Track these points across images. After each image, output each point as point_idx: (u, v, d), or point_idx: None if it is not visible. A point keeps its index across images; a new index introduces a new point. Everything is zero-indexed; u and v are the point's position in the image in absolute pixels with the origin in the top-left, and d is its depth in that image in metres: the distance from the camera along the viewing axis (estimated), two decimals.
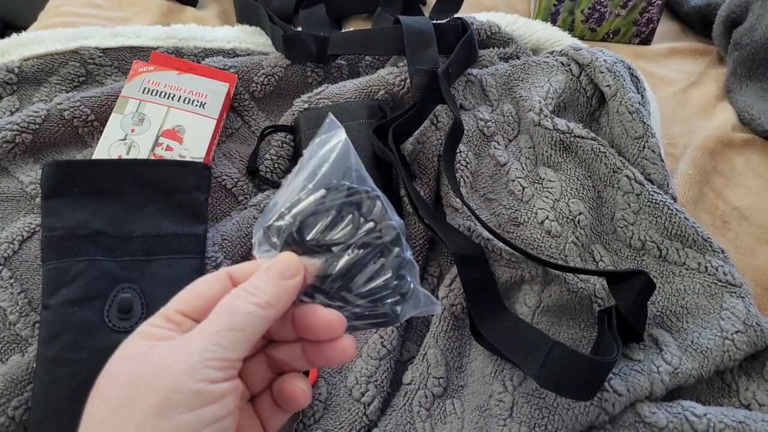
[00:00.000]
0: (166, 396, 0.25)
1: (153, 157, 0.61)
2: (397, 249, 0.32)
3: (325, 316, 0.30)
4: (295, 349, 0.32)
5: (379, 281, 0.32)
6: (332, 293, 0.31)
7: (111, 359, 0.28)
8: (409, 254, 0.32)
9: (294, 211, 0.31)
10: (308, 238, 0.31)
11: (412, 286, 0.32)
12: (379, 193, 0.33)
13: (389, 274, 0.32)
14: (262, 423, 0.32)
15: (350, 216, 0.32)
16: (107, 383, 0.27)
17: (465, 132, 0.62)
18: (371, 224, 0.32)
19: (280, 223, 0.31)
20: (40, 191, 0.55)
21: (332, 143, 0.33)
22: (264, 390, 0.33)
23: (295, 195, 0.32)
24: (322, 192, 0.32)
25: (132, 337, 0.29)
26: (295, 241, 0.31)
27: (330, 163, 0.32)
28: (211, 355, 0.26)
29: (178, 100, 0.64)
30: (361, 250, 0.31)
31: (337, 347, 0.31)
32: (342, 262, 0.31)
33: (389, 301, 0.32)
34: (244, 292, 0.29)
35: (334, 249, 0.31)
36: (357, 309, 0.31)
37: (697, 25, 0.89)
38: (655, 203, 0.55)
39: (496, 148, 0.63)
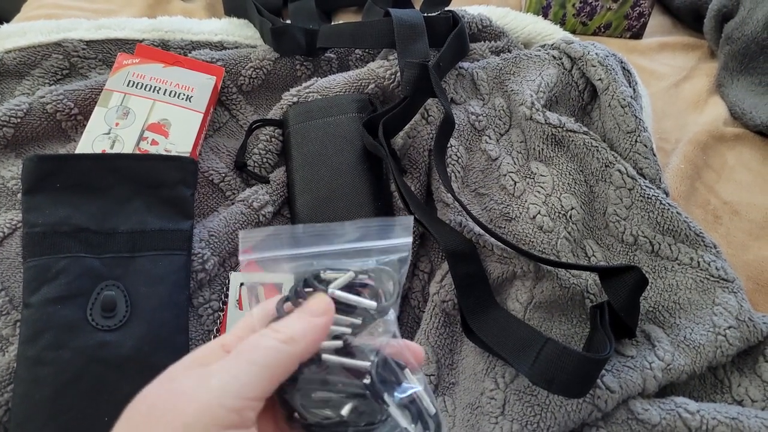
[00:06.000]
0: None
1: (138, 152, 0.59)
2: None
3: None
4: None
5: None
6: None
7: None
8: None
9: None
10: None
11: None
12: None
13: None
14: None
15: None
16: (135, 403, 0.26)
17: (456, 126, 0.61)
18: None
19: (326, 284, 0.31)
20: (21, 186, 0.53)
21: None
22: None
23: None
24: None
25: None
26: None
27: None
28: (228, 391, 0.25)
29: (164, 94, 0.63)
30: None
31: None
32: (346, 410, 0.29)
33: None
34: (269, 329, 0.28)
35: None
36: None
37: (689, 19, 0.88)
38: (648, 198, 0.55)
39: (487, 142, 0.62)
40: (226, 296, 0.55)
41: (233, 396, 0.25)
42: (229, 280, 0.56)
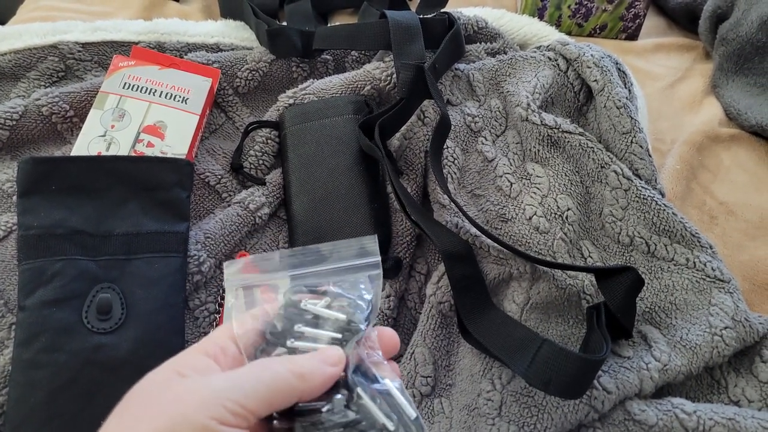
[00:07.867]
0: (170, 422, 0.25)
1: (134, 154, 0.59)
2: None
3: None
4: None
5: None
6: None
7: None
8: None
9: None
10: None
11: None
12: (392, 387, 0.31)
13: None
14: None
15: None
16: (128, 398, 0.27)
17: (452, 127, 0.61)
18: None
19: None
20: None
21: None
22: None
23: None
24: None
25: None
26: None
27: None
28: (230, 395, 0.26)
29: (160, 96, 0.63)
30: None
31: None
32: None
33: None
34: (285, 358, 0.29)
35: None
36: None
37: (684, 20, 0.89)
38: (643, 199, 0.55)
39: (483, 143, 0.62)
40: (223, 298, 0.55)
41: (233, 401, 0.26)
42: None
